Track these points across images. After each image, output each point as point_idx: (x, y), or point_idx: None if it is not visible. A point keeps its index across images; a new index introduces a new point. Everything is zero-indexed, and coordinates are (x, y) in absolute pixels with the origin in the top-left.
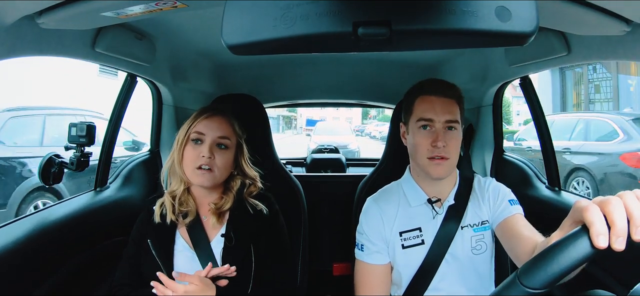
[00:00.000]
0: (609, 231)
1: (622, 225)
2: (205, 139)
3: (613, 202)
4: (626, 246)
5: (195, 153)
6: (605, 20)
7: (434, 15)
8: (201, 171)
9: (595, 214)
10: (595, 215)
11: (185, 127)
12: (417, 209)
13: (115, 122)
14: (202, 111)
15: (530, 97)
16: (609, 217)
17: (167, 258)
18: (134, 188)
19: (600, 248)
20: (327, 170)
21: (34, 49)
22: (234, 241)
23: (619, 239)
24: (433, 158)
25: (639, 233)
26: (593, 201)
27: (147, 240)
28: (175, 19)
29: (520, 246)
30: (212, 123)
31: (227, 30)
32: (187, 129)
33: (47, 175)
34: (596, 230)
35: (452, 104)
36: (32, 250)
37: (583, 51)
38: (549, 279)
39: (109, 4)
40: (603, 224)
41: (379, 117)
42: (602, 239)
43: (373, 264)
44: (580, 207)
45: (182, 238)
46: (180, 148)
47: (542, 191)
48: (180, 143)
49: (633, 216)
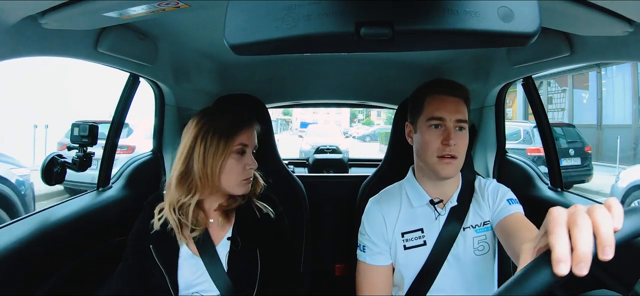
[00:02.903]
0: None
1: (584, 250)
2: (247, 150)
3: (579, 222)
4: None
5: (240, 165)
6: (608, 21)
7: (436, 16)
8: (247, 181)
9: (558, 238)
10: (558, 239)
11: (221, 140)
12: (419, 210)
13: (117, 122)
14: (240, 123)
15: (533, 98)
16: (572, 240)
17: (171, 267)
18: (136, 188)
19: (560, 276)
20: (329, 170)
21: (36, 49)
22: (240, 245)
23: (579, 265)
24: (443, 157)
25: (605, 254)
26: (565, 215)
27: (149, 246)
28: (178, 19)
29: (518, 244)
30: (250, 133)
31: (230, 30)
32: (227, 142)
33: (49, 175)
34: (556, 256)
35: (462, 104)
36: (34, 250)
37: (586, 52)
38: None
39: (111, 4)
40: (565, 249)
41: (364, 121)
42: (562, 267)
43: (375, 265)
44: (549, 221)
45: (186, 245)
46: (219, 161)
47: (544, 192)
48: (219, 156)
49: (600, 233)
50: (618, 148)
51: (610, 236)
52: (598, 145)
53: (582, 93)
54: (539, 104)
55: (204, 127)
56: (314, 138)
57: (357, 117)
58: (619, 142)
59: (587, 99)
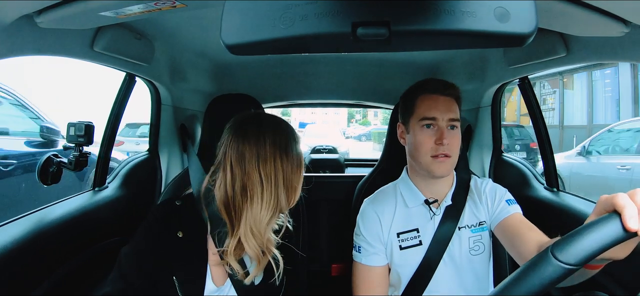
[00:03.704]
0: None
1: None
2: None
3: (638, 192)
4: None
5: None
6: (604, 21)
7: (433, 16)
8: None
9: (626, 199)
10: (626, 200)
11: (290, 151)
12: (414, 210)
13: (113, 122)
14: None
15: (529, 98)
16: (638, 205)
17: (199, 274)
18: (132, 188)
19: (632, 231)
20: (325, 170)
21: (32, 49)
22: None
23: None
24: (437, 156)
25: None
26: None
27: (171, 276)
28: (174, 19)
29: (523, 245)
30: None
31: (226, 30)
32: (298, 154)
33: (45, 175)
34: (628, 213)
35: (453, 103)
36: (31, 250)
37: (582, 52)
38: (581, 255)
39: (107, 3)
40: (634, 208)
41: (361, 121)
42: (633, 222)
43: (371, 266)
44: (607, 198)
45: (212, 280)
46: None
47: (540, 192)
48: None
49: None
50: (574, 144)
51: None
52: (560, 142)
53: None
54: (535, 105)
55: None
56: (312, 139)
57: (354, 118)
58: (574, 140)
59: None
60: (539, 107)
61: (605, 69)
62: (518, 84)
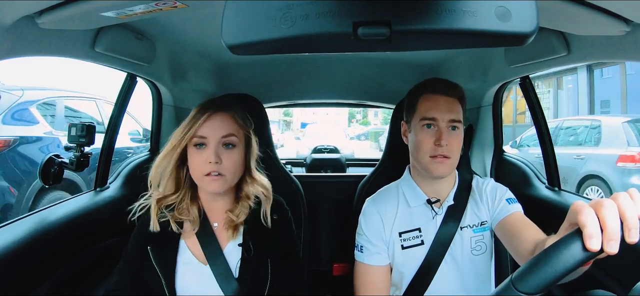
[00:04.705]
0: (601, 234)
1: (614, 227)
2: (209, 142)
3: (606, 204)
4: (624, 248)
5: (201, 159)
6: (605, 21)
7: (434, 16)
8: (211, 178)
9: (588, 216)
10: (588, 218)
11: (184, 128)
12: (416, 209)
13: (115, 122)
14: (202, 110)
15: (530, 98)
16: (601, 220)
17: (169, 272)
18: (134, 188)
19: (592, 251)
20: (327, 170)
21: (33, 49)
22: (253, 252)
23: (610, 242)
24: (435, 156)
25: (631, 236)
26: (589, 204)
27: (146, 247)
28: (175, 19)
29: (522, 244)
30: (214, 123)
31: (227, 30)
32: (187, 131)
33: (47, 175)
34: (588, 232)
35: (455, 103)
36: (32, 250)
37: (583, 51)
38: (542, 284)
39: (108, 4)
40: (596, 226)
41: (361, 121)
42: (594, 242)
43: (373, 265)
44: (575, 210)
45: (188, 249)
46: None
47: (541, 191)
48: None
49: (626, 218)
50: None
51: (636, 219)
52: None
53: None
54: (536, 104)
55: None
56: (314, 140)
57: (355, 118)
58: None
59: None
60: (541, 106)
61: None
62: (519, 83)
